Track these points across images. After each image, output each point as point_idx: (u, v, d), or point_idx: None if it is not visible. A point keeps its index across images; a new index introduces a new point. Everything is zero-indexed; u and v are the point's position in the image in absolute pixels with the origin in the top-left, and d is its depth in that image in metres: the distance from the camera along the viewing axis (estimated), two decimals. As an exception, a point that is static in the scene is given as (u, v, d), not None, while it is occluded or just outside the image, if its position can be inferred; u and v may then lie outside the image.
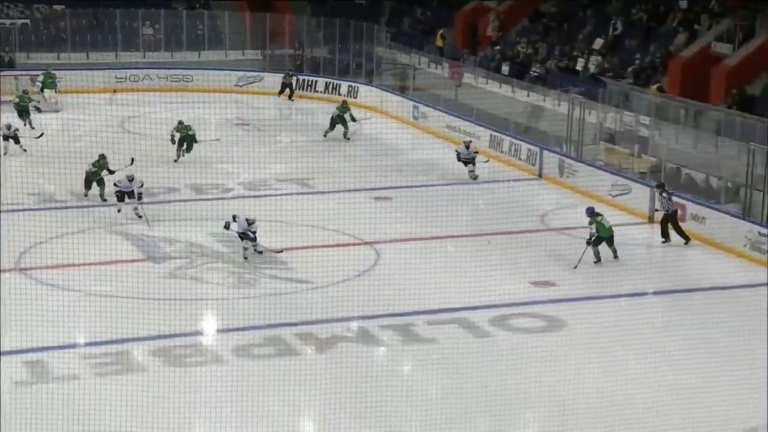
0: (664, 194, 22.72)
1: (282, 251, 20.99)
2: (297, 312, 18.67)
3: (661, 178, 25.21)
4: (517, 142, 29.62)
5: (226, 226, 20.83)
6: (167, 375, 16.02)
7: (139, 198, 23.29)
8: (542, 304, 19.36)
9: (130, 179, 23.12)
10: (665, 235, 22.80)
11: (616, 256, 21.22)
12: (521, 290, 19.88)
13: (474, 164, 27.39)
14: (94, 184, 24.51)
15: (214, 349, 17.46)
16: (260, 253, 20.98)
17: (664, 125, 27.12)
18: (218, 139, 28.91)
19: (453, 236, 22.97)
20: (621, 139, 28.38)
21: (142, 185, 23.43)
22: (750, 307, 19.44)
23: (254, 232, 20.61)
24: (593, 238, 20.89)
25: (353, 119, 31.07)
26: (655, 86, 30.14)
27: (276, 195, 26.19)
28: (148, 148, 26.58)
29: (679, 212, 23.03)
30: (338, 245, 21.43)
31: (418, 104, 34.61)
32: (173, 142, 27.81)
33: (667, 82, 30.64)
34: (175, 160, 27.70)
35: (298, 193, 26.36)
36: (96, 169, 24.35)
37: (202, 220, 23.55)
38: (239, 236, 20.78)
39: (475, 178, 27.20)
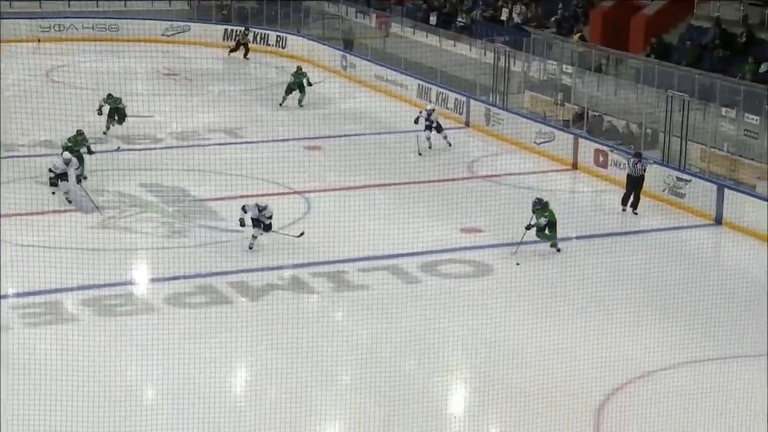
0: (639, 164, 21.47)
1: (302, 234, 19.15)
2: (229, 261, 18.58)
3: (583, 126, 25.47)
4: (445, 91, 29.59)
5: (241, 223, 18.72)
6: (99, 324, 15.84)
7: (79, 181, 21.27)
8: (470, 251, 19.47)
9: (67, 161, 20.85)
10: (625, 202, 21.67)
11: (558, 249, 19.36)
12: (450, 237, 19.95)
13: (440, 130, 25.73)
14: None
15: (146, 299, 17.27)
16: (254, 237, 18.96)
17: (586, 74, 27.27)
18: (152, 116, 27.07)
19: (383, 185, 22.93)
20: (545, 88, 28.52)
21: (80, 167, 21.38)
22: (668, 251, 19.78)
23: (269, 217, 18.72)
24: (545, 227, 19.01)
25: (310, 84, 29.93)
26: (577, 35, 30.25)
27: (206, 145, 25.89)
28: (75, 98, 25.99)
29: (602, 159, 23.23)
30: (269, 194, 21.24)
31: (346, 54, 34.37)
32: (100, 113, 25.42)
33: (588, 32, 30.76)
34: (104, 132, 25.48)
35: (228, 143, 26.07)
36: (71, 144, 21.96)
37: (132, 170, 23.19)
38: (252, 223, 18.89)
39: (450, 144, 25.86)
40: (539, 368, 14.58)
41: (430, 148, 25.41)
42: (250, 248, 18.82)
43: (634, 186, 21.75)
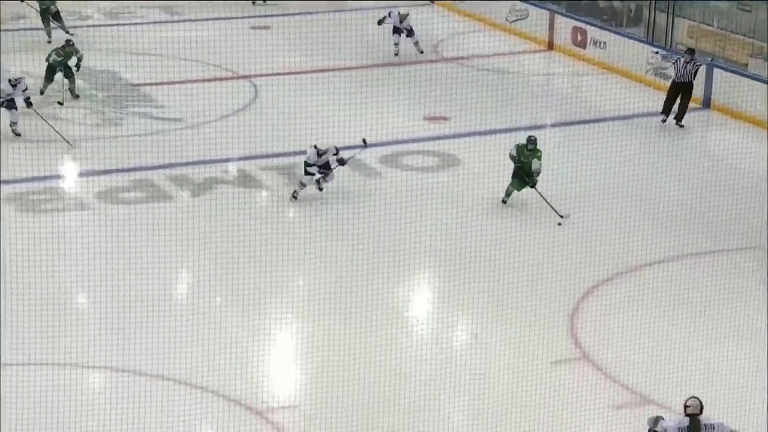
0: (689, 65, 20.20)
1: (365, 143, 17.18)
2: (169, 153, 18.36)
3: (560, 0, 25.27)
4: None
5: (312, 174, 16.91)
6: (23, 222, 15.69)
7: (28, 105, 19.11)
8: (435, 141, 19.47)
9: (14, 83, 18.85)
10: (667, 110, 20.56)
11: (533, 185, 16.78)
12: (412, 126, 19.92)
13: (411, 35, 24.25)
14: (62, 78, 20.72)
15: (76, 194, 17.16)
16: (320, 189, 17.20)
17: (565, -57, 27.01)
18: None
19: (339, 68, 22.76)
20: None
21: (27, 88, 19.29)
22: (652, 137, 19.88)
23: (338, 160, 16.95)
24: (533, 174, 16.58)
25: None
26: None
27: (140, 23, 25.51)
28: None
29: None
30: (212, 79, 21.05)
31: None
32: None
33: None
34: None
35: (165, 22, 25.68)
36: (62, 58, 20.53)
37: (58, 51, 22.74)
38: (305, 171, 17.03)
39: (421, 52, 24.44)
40: (513, 265, 14.64)
41: (396, 55, 24.34)
42: (294, 198, 17.03)
43: (681, 91, 20.41)
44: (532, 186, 16.31)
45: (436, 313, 14.57)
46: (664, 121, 20.52)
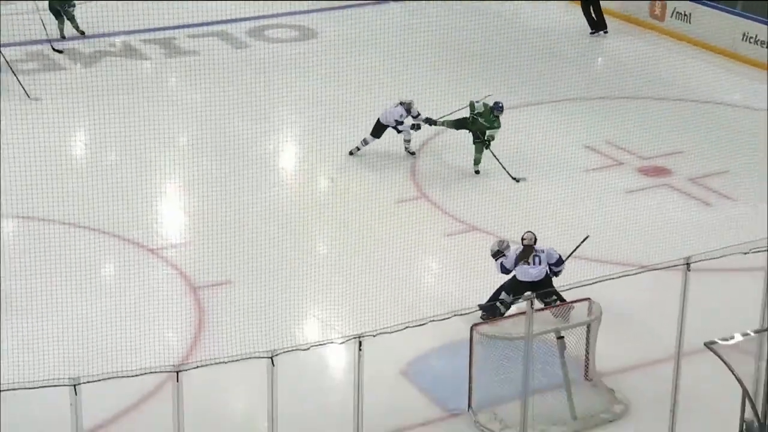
0: None
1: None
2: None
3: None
4: None
5: (416, 127, 14.70)
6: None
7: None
8: (295, 15, 19.67)
9: None
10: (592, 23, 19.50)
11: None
12: (275, 3, 19.90)
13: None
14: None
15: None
16: (412, 154, 14.87)
17: None
18: None
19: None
20: None
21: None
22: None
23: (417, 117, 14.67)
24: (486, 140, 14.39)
25: None
26: None
27: None
28: None
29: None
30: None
31: None
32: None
33: None
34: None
35: None
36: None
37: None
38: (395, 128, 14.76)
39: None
40: (364, 120, 14.94)
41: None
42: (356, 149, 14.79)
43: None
44: (487, 147, 14.22)
45: (299, 162, 15.13)
46: (592, 34, 19.61)
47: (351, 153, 14.70)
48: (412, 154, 14.79)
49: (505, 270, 10.78)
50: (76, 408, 7.07)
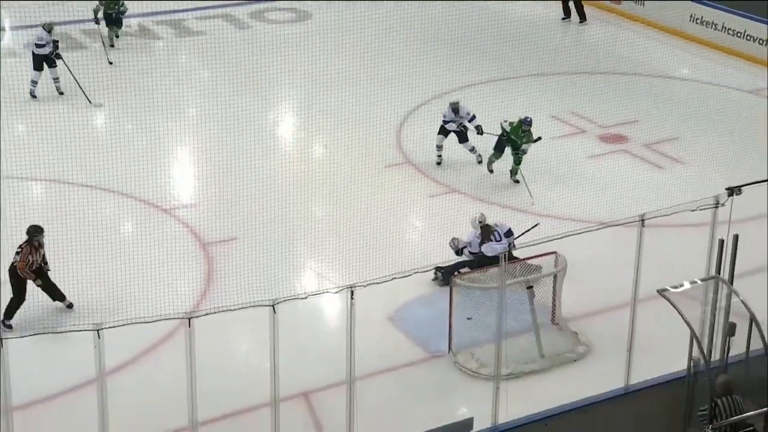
0: None
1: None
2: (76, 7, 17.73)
3: None
4: None
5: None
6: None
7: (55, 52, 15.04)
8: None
9: (48, 29, 14.93)
10: (567, 11, 19.17)
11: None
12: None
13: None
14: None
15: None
16: (479, 162, 13.54)
17: None
18: None
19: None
20: None
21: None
22: None
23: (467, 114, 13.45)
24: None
25: None
26: None
27: None
28: None
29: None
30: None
31: None
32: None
33: None
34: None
35: None
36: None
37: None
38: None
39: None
40: (354, 96, 14.81)
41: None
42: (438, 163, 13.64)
43: None
44: (518, 163, 13.04)
45: (297, 130, 15.06)
46: (564, 19, 19.18)
47: (479, 162, 13.40)
48: (480, 162, 13.42)
49: (474, 255, 10.65)
50: (99, 350, 7.07)
